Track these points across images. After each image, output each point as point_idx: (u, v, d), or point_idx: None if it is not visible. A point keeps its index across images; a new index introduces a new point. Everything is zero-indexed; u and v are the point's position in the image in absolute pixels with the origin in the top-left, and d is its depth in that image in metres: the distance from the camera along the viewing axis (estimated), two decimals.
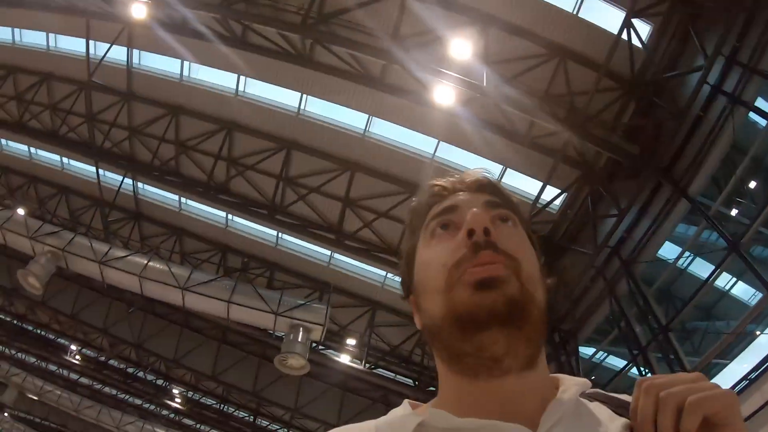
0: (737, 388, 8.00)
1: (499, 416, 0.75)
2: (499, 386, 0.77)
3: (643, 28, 9.85)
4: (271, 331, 14.34)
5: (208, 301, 12.15)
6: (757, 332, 9.29)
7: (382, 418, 0.85)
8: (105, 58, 12.92)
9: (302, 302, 12.36)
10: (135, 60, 13.65)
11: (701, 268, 10.93)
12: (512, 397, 0.78)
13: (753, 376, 8.00)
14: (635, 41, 9.71)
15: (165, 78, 13.59)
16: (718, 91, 9.11)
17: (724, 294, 11.56)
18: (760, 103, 9.00)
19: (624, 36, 9.63)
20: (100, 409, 19.31)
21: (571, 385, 0.82)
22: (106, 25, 12.48)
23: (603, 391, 0.86)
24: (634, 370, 11.11)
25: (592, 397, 0.84)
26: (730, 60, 8.87)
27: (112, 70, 13.54)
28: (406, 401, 0.88)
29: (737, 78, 8.79)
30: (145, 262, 12.22)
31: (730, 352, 10.00)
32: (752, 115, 9.14)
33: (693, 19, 9.15)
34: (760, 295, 8.95)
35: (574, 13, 10.10)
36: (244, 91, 13.06)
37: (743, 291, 11.40)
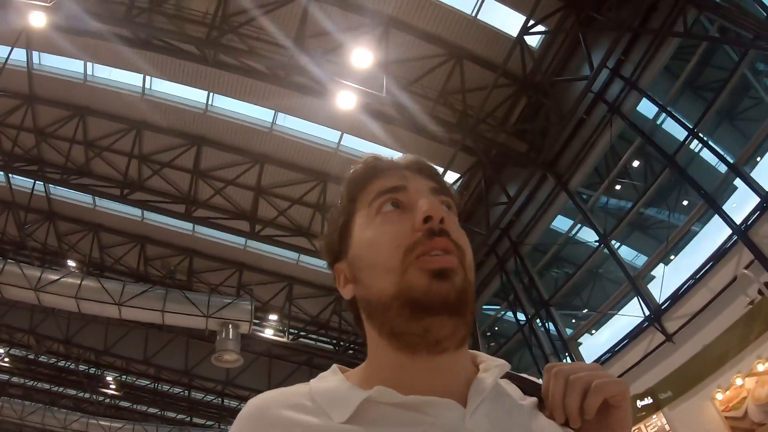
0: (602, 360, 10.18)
1: (430, 390, 0.79)
2: (434, 363, 0.81)
3: (533, 39, 11.37)
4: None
5: (143, 312, 13.12)
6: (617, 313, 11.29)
7: (314, 383, 0.86)
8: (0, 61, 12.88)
9: (229, 301, 13.62)
10: (35, 61, 13.71)
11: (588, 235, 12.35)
12: (444, 373, 0.82)
13: (616, 348, 10.17)
14: (533, 41, 11.24)
15: (68, 79, 13.79)
16: (600, 99, 10.84)
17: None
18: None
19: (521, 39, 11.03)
20: (44, 413, 19.61)
21: (493, 365, 0.87)
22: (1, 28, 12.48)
23: (513, 372, 0.91)
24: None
25: (504, 377, 0.90)
26: (613, 73, 10.54)
27: (10, 73, 13.49)
28: (335, 366, 0.91)
29: (619, 89, 10.50)
30: (79, 282, 12.90)
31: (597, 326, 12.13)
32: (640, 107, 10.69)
33: (584, 31, 10.54)
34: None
35: (474, 16, 11.33)
36: (150, 89, 13.61)
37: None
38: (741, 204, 8.93)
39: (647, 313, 9.54)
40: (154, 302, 13.07)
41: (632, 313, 10.14)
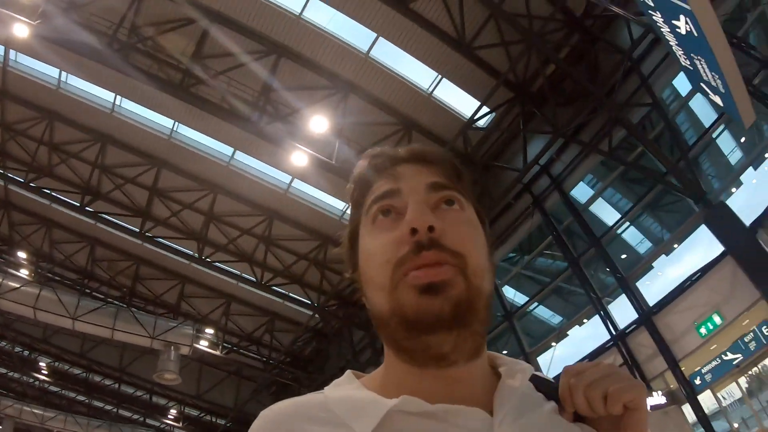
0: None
1: (451, 399, 0.75)
2: (447, 374, 0.77)
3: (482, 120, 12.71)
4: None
5: (95, 328, 14.14)
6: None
7: (330, 392, 0.81)
8: None
9: (174, 325, 14.72)
10: (12, 57, 14.28)
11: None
12: (461, 382, 0.78)
13: None
14: (481, 122, 12.56)
15: (43, 83, 14.41)
16: (527, 190, 12.37)
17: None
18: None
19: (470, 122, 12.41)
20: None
21: (516, 370, 0.83)
22: None
23: (535, 373, 0.87)
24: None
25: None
26: (543, 169, 11.99)
27: None
28: (350, 372, 0.86)
29: (546, 184, 11.98)
30: (38, 292, 13.84)
31: None
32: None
33: (526, 123, 11.90)
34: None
35: (429, 93, 12.69)
36: (120, 106, 14.38)
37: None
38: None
39: None
40: (106, 319, 14.23)
41: None
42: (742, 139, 9.98)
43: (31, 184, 14.75)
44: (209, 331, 17.32)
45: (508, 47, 11.45)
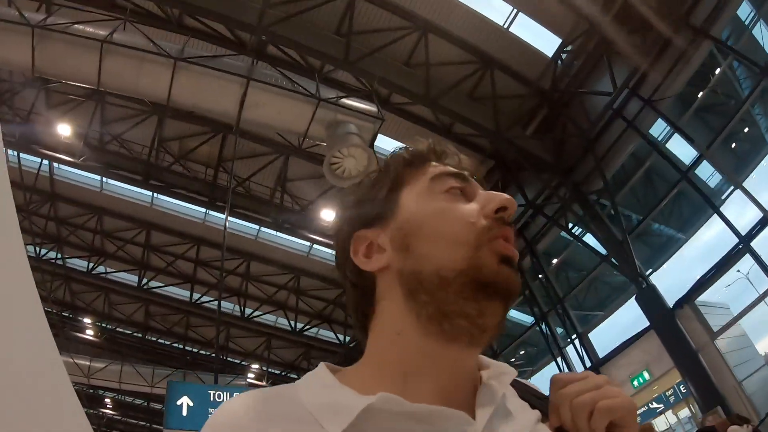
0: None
1: (439, 391, 0.73)
2: (462, 356, 0.76)
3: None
4: None
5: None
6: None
7: (302, 385, 0.74)
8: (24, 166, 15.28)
9: (230, 379, 17.36)
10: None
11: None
12: (460, 372, 0.77)
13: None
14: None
15: (87, 187, 16.76)
16: (619, 115, 12.06)
17: None
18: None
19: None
20: None
21: (498, 372, 0.80)
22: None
23: (518, 379, 0.85)
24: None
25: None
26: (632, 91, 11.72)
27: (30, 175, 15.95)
28: (323, 365, 0.79)
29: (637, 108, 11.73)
30: (120, 368, 16.33)
31: None
32: None
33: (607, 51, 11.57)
34: None
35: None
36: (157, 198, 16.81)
37: None
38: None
39: None
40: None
41: None
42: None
43: (92, 272, 17.44)
44: (255, 366, 20.35)
45: None
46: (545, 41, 12.71)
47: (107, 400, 23.61)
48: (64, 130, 13.45)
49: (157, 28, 11.57)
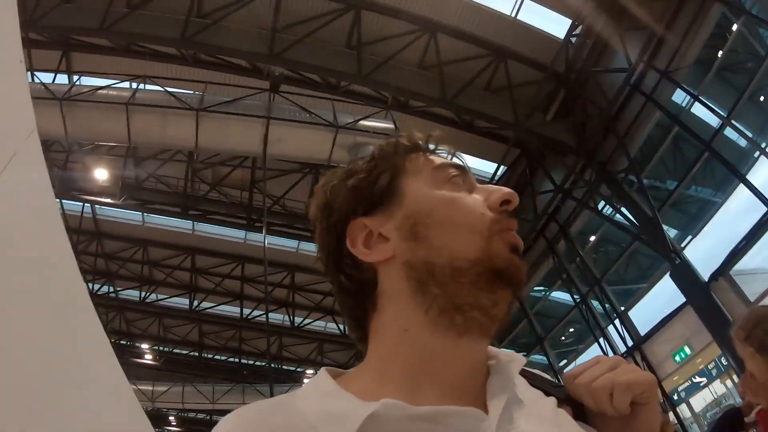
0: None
1: (450, 384, 0.71)
2: (473, 349, 0.74)
3: None
4: None
5: (230, 406, 17.53)
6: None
7: (301, 395, 0.71)
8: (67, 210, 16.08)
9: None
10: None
11: None
12: (473, 364, 0.74)
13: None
14: None
15: (129, 222, 17.50)
16: (637, 90, 11.88)
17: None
18: None
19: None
20: None
21: (506, 361, 0.78)
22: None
23: (527, 368, 0.82)
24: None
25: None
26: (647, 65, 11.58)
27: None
28: (325, 370, 0.76)
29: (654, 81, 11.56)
30: (181, 389, 17.19)
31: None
32: None
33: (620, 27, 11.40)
34: None
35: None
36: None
37: None
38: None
39: None
40: (237, 396, 17.50)
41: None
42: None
43: (145, 301, 18.21)
44: (309, 371, 20.95)
45: None
46: (555, 23, 12.70)
47: (171, 418, 24.59)
48: (101, 174, 14.07)
49: (176, 64, 12.11)
